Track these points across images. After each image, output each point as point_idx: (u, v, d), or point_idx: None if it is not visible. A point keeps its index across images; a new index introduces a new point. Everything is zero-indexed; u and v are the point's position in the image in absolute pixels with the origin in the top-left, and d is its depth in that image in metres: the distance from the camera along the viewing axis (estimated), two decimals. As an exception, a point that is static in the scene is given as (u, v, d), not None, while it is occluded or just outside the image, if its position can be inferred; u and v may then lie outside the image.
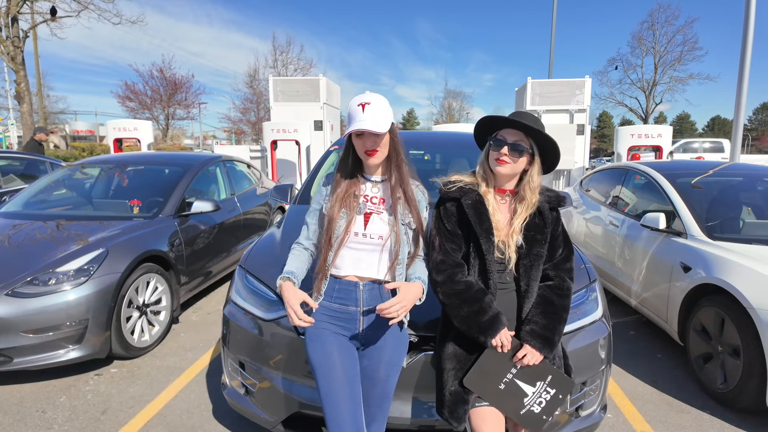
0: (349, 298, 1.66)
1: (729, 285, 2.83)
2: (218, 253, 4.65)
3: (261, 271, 2.29)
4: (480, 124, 1.76)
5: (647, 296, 3.77)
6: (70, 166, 4.96)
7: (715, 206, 3.78)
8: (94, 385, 3.04)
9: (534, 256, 1.65)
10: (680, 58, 37.06)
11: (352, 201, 1.65)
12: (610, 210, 4.78)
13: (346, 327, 1.66)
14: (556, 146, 1.67)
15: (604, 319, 2.19)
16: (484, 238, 1.62)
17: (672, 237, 3.57)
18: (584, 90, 9.53)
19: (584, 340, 2.06)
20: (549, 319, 1.63)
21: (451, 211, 1.70)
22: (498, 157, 1.63)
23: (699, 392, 3.05)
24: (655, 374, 3.30)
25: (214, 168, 5.18)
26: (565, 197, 1.76)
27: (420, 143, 4.12)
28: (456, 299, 1.61)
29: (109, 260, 3.20)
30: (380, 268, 1.66)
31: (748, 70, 7.44)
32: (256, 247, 2.57)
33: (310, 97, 9.93)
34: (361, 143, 1.62)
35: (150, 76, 34.30)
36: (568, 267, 1.72)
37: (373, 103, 1.59)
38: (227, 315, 2.27)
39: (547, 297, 1.66)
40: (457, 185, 1.70)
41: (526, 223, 1.66)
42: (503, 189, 1.71)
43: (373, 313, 1.65)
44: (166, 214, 4.01)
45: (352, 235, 1.64)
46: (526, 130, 1.63)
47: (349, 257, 1.66)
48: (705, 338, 3.08)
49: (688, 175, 4.10)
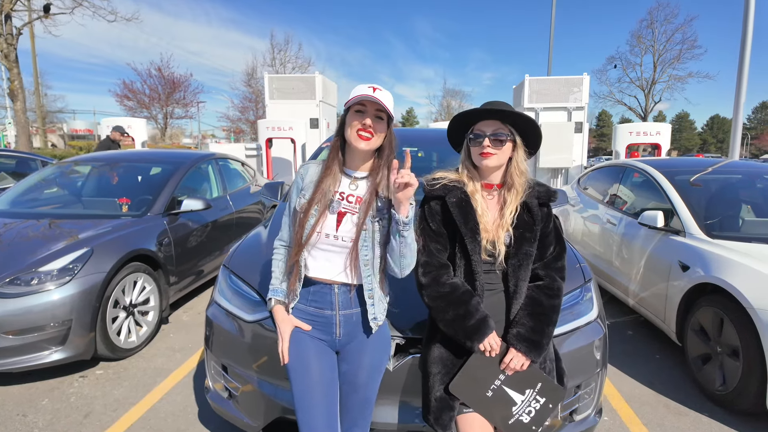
0: (324, 301, 1.58)
1: (728, 284, 2.76)
2: (210, 252, 4.58)
3: (245, 271, 2.22)
4: (454, 124, 1.69)
5: (645, 296, 3.70)
6: (59, 164, 4.88)
7: (713, 204, 3.71)
8: (78, 388, 2.97)
9: (522, 255, 1.58)
10: (679, 57, 37.09)
11: (326, 198, 1.54)
12: (607, 208, 4.71)
13: (324, 330, 1.59)
14: (535, 125, 1.62)
15: (599, 320, 2.12)
16: (469, 237, 1.55)
17: (670, 235, 3.51)
18: (582, 87, 9.44)
19: (578, 341, 1.99)
20: (536, 321, 1.55)
21: (436, 209, 1.62)
22: (481, 151, 1.56)
23: (697, 394, 2.98)
24: (652, 375, 3.23)
25: (206, 166, 5.10)
26: (556, 192, 1.68)
27: (415, 140, 4.05)
28: (441, 302, 1.53)
29: (93, 259, 3.12)
30: (352, 273, 1.56)
31: (747, 68, 7.39)
32: (241, 247, 2.50)
33: (306, 95, 9.83)
34: (358, 120, 1.49)
35: (148, 75, 34.25)
36: (559, 266, 1.64)
37: (384, 91, 1.53)
38: (210, 316, 2.20)
39: (536, 298, 1.59)
40: (441, 182, 1.63)
41: (515, 221, 1.59)
42: (490, 183, 1.64)
43: (350, 316, 1.58)
44: (155, 212, 3.93)
45: (323, 236, 1.53)
46: (501, 117, 1.57)
47: (320, 259, 1.56)
48: (703, 339, 3.02)
49: (686, 172, 4.04)
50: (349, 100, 1.52)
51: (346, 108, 1.56)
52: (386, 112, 1.52)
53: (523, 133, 1.61)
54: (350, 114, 1.53)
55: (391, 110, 1.53)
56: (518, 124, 1.59)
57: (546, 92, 9.48)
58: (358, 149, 1.52)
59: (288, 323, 1.57)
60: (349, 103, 1.52)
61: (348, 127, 1.53)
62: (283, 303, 1.60)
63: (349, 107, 1.54)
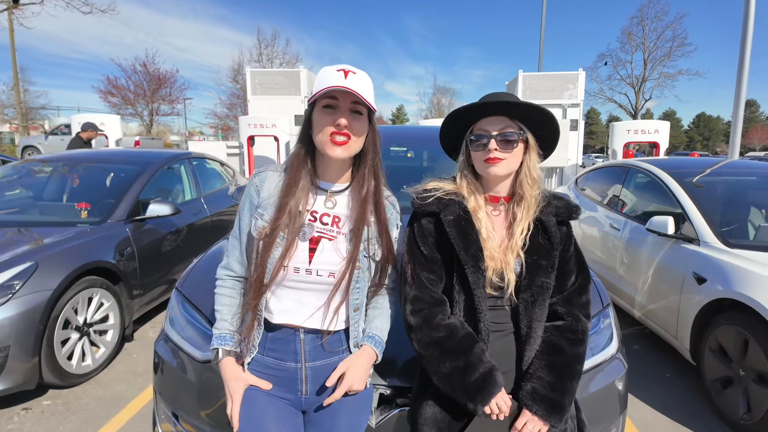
0: (286, 350, 1.22)
1: (753, 301, 2.46)
2: (181, 260, 4.19)
3: (201, 297, 1.85)
4: (448, 123, 1.32)
5: (654, 308, 3.41)
6: (14, 165, 4.46)
7: (728, 209, 3.42)
8: (18, 423, 2.59)
9: (537, 288, 1.24)
10: (669, 54, 37.22)
11: (294, 221, 1.17)
12: (609, 211, 4.42)
13: (286, 387, 1.23)
14: (552, 118, 1.27)
15: (620, 354, 1.79)
16: (471, 267, 1.20)
17: (682, 243, 3.21)
18: (578, 84, 9.16)
19: (598, 383, 1.66)
20: (557, 374, 1.21)
21: (428, 229, 1.27)
22: (486, 156, 1.22)
23: (716, 421, 2.69)
24: (665, 398, 2.94)
25: (178, 166, 4.70)
26: (578, 207, 1.34)
27: (403, 139, 3.70)
28: (435, 350, 1.19)
29: (38, 275, 2.73)
30: (328, 318, 1.20)
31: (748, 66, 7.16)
32: (198, 266, 2.13)
33: (291, 90, 9.42)
34: (329, 119, 1.14)
35: (133, 71, 33.42)
36: (583, 301, 1.30)
37: (359, 74, 1.15)
38: (159, 352, 1.84)
39: (556, 343, 1.24)
40: (435, 195, 1.27)
41: (527, 245, 1.24)
42: (497, 197, 1.30)
43: (321, 368, 1.23)
44: (117, 219, 3.54)
45: (290, 271, 1.18)
46: (509, 111, 1.23)
47: (287, 299, 1.20)
48: (723, 360, 2.72)
49: (697, 174, 3.75)
50: (314, 92, 1.14)
51: (311, 103, 1.19)
52: (365, 105, 1.16)
53: (536, 131, 1.27)
54: (317, 111, 1.17)
55: (371, 100, 1.16)
56: (530, 120, 1.25)
57: (540, 88, 9.18)
58: (332, 158, 1.17)
59: (241, 381, 1.20)
60: (315, 97, 1.15)
61: (316, 129, 1.17)
62: (234, 353, 1.24)
63: (315, 102, 1.17)
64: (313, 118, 1.19)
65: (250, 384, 1.20)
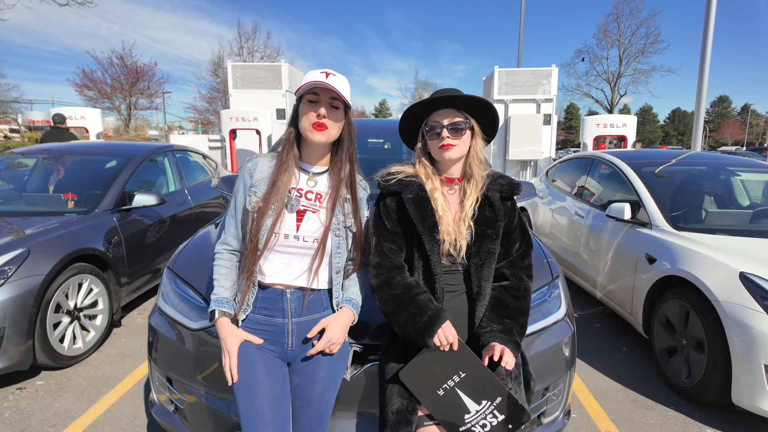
0: (275, 308, 1.44)
1: (694, 277, 2.74)
2: (166, 249, 4.32)
3: (192, 274, 2.03)
4: (406, 119, 1.57)
5: (612, 288, 3.69)
6: (1, 156, 4.51)
7: (679, 196, 3.72)
8: (14, 401, 2.72)
9: (485, 254, 1.47)
10: (644, 51, 38.16)
11: (283, 195, 1.41)
12: (575, 200, 4.70)
13: (274, 341, 1.44)
14: (492, 108, 1.52)
15: (568, 318, 2.04)
16: (427, 236, 1.43)
17: (637, 227, 3.49)
18: (551, 79, 9.47)
19: (546, 342, 1.90)
20: (504, 323, 1.44)
21: (391, 207, 1.50)
22: (440, 143, 1.46)
23: (664, 387, 2.98)
24: (620, 369, 3.22)
25: (162, 158, 4.82)
26: (519, 184, 1.58)
27: (380, 131, 3.90)
28: (393, 304, 1.41)
29: (30, 261, 2.86)
30: (312, 276, 1.44)
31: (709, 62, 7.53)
32: (187, 247, 2.31)
33: (272, 84, 9.50)
34: (313, 111, 1.40)
35: (110, 64, 32.84)
36: (526, 264, 1.54)
37: (338, 76, 1.43)
38: (153, 325, 2.01)
39: (502, 299, 1.48)
40: (397, 177, 1.51)
41: (476, 216, 1.47)
42: (451, 178, 1.54)
43: (305, 323, 1.45)
44: (104, 208, 3.67)
45: (281, 238, 1.41)
46: (456, 105, 1.48)
47: (277, 262, 1.43)
48: (670, 331, 3.01)
49: (652, 164, 4.04)
50: (300, 87, 1.42)
51: (299, 97, 1.45)
52: (341, 100, 1.43)
53: (479, 119, 1.52)
54: (303, 104, 1.44)
55: (347, 97, 1.43)
56: (474, 110, 1.50)
57: (515, 84, 9.45)
58: (314, 142, 1.43)
59: (236, 337, 1.41)
60: (301, 91, 1.42)
61: (302, 118, 1.43)
62: (229, 315, 1.44)
63: (302, 96, 1.43)
64: (299, 109, 1.45)
65: (244, 340, 1.41)
